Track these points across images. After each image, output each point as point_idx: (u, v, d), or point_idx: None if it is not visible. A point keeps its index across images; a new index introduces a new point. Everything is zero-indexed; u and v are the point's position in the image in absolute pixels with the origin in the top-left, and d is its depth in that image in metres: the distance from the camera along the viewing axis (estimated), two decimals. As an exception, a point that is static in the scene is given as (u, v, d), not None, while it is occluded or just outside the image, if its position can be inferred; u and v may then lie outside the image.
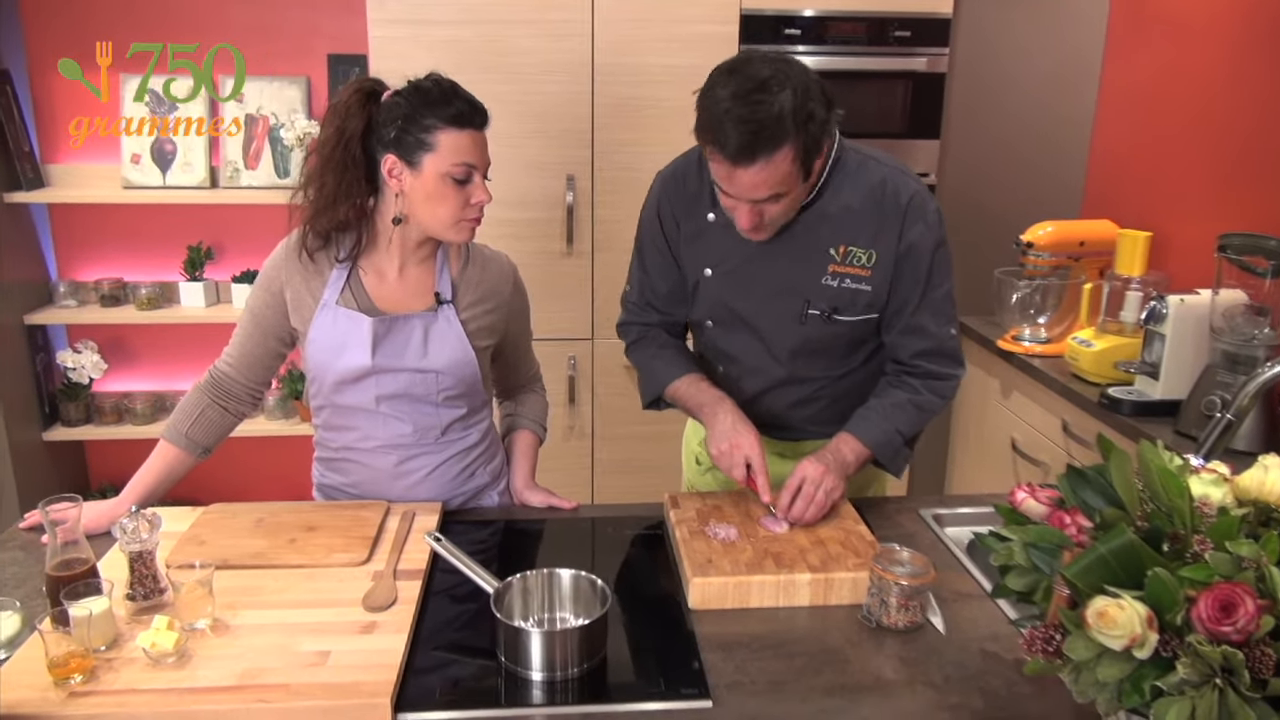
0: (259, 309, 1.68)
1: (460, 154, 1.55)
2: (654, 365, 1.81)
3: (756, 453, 1.61)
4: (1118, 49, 3.07)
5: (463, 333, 1.67)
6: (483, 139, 1.58)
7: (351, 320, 1.62)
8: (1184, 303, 2.23)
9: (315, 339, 1.64)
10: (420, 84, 1.57)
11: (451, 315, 1.66)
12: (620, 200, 2.82)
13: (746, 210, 1.52)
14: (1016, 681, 1.24)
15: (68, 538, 1.31)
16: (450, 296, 1.67)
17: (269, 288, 1.67)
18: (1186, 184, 2.72)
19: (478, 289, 1.70)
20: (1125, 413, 2.26)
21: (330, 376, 1.64)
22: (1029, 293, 2.73)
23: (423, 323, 1.65)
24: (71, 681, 1.16)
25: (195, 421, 1.69)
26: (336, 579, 1.43)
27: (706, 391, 1.72)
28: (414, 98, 1.54)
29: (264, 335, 1.69)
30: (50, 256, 3.19)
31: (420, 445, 1.70)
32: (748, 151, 1.41)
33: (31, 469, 3.05)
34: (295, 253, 1.64)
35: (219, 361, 1.73)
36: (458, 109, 1.54)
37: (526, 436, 1.89)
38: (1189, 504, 1.05)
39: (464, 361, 1.67)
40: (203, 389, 1.72)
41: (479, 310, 1.70)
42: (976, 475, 3.06)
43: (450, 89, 1.56)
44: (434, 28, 2.69)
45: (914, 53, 2.90)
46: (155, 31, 2.93)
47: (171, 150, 3.07)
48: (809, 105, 1.42)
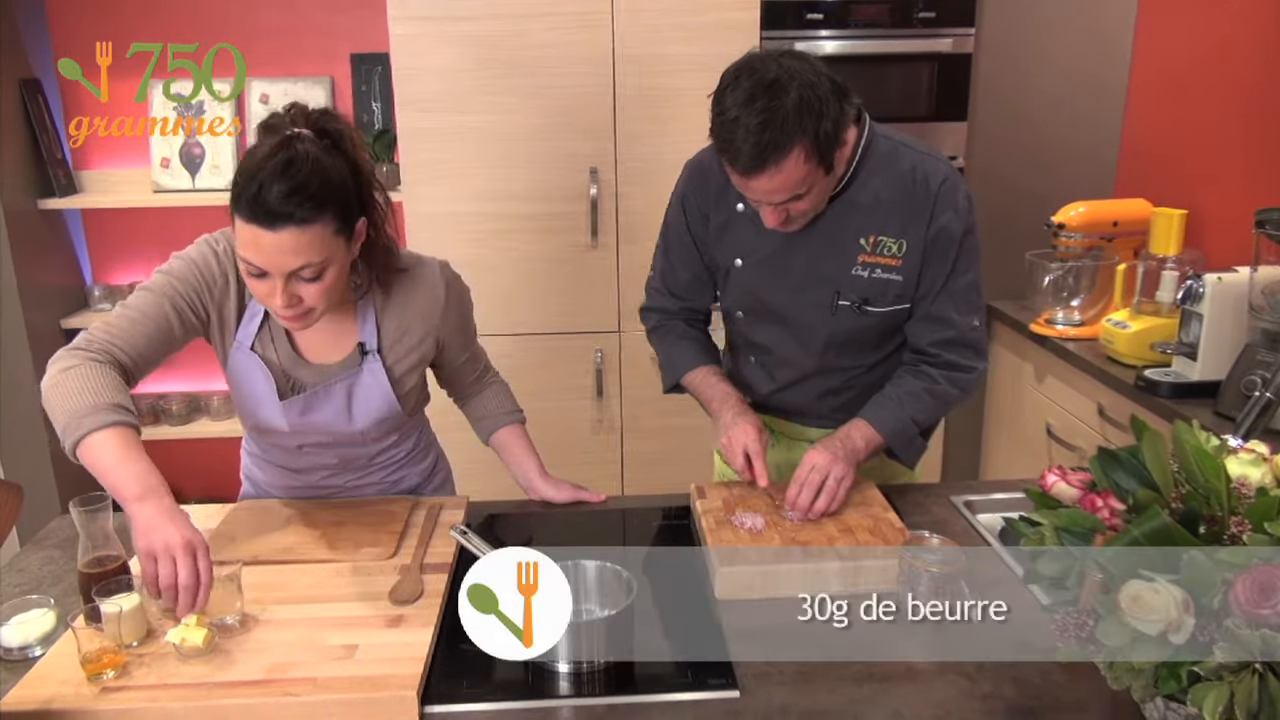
0: (176, 303, 1.45)
1: (241, 247, 1.35)
2: (671, 354, 1.83)
3: (753, 440, 1.60)
4: (1150, 22, 3.00)
5: (389, 387, 1.56)
6: (275, 238, 1.31)
7: (266, 380, 1.52)
8: (1222, 281, 2.17)
9: (230, 377, 1.55)
10: (268, 140, 1.35)
11: (377, 368, 1.55)
12: (644, 191, 2.81)
13: (771, 211, 1.52)
14: (1050, 670, 1.21)
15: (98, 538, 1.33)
16: (375, 343, 1.55)
17: (192, 291, 1.47)
18: (1222, 159, 2.66)
19: (403, 322, 1.57)
20: (1163, 395, 2.21)
21: (246, 417, 1.60)
22: (1061, 275, 2.68)
23: (344, 385, 1.54)
24: (104, 677, 1.17)
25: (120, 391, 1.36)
26: (364, 573, 1.43)
27: (715, 387, 1.73)
28: (243, 162, 1.35)
29: (167, 328, 1.46)
30: (85, 261, 3.25)
31: (346, 469, 1.68)
32: (757, 162, 1.41)
33: (70, 471, 3.08)
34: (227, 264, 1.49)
35: (101, 341, 1.40)
36: (248, 194, 1.30)
37: (515, 433, 1.78)
38: (1226, 485, 1.02)
39: (389, 415, 1.60)
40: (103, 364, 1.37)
41: (406, 347, 1.58)
42: (1011, 461, 3.01)
43: (263, 162, 1.30)
44: (454, 23, 2.69)
45: (939, 34, 2.86)
46: (182, 34, 2.95)
47: (200, 154, 3.10)
48: (818, 102, 1.40)
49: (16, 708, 1.13)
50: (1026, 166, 3.16)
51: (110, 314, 1.45)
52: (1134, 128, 3.09)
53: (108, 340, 1.40)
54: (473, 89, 2.71)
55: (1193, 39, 2.79)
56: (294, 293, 1.37)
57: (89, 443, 1.30)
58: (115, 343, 1.40)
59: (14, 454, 2.98)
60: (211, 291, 1.49)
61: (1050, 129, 3.16)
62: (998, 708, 1.15)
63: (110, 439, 1.29)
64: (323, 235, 1.35)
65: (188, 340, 1.50)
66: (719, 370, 1.78)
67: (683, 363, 1.80)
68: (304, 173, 1.32)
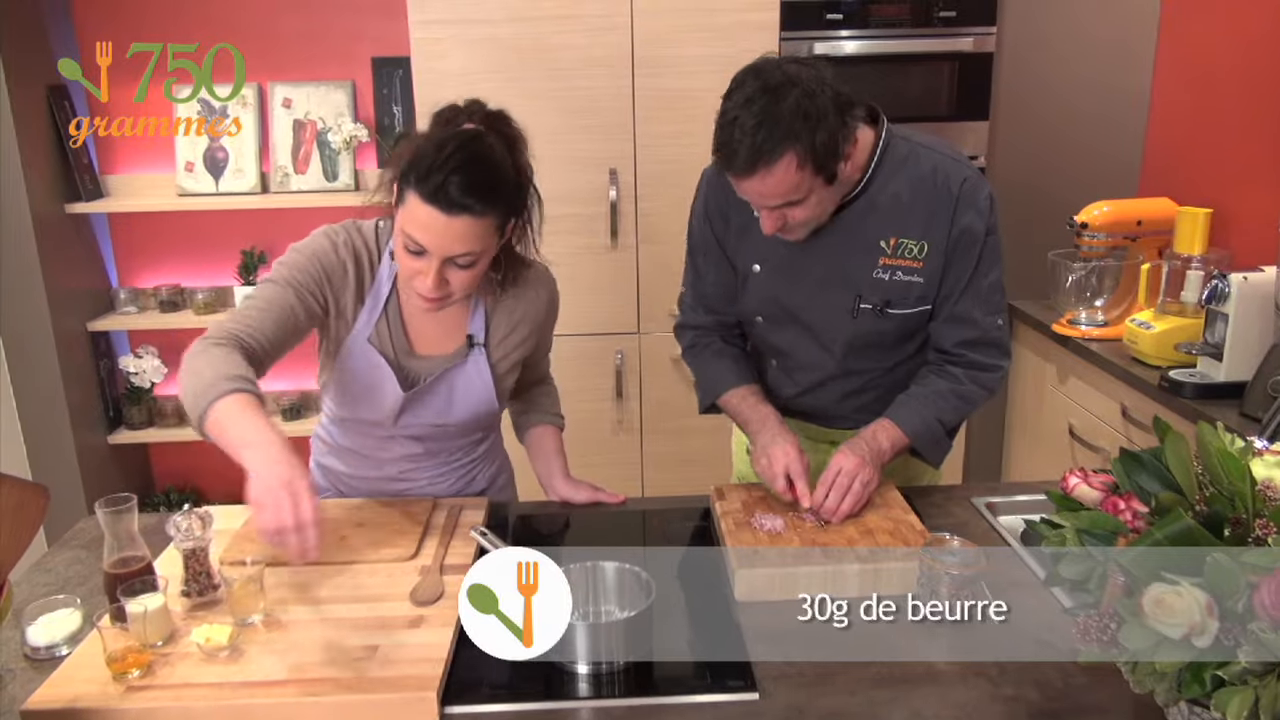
0: (301, 295, 1.49)
1: (411, 225, 1.39)
2: (706, 374, 1.80)
3: (794, 459, 1.58)
4: (1173, 18, 2.97)
5: (490, 380, 1.61)
6: (448, 223, 1.37)
7: (381, 373, 1.56)
8: (1248, 281, 2.15)
9: (341, 366, 1.57)
10: (451, 130, 1.42)
11: (481, 361, 1.60)
12: (663, 193, 2.81)
13: (767, 215, 1.51)
14: (1073, 673, 1.21)
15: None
16: (483, 335, 1.61)
17: (314, 284, 1.51)
18: (1248, 158, 2.63)
19: (512, 318, 1.63)
20: (1188, 395, 2.19)
21: (348, 408, 1.62)
22: (1085, 275, 2.66)
23: (449, 375, 1.59)
24: (129, 676, 1.19)
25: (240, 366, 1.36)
26: (384, 574, 1.44)
27: (754, 409, 1.71)
28: (430, 141, 1.40)
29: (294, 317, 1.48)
30: (111, 264, 3.29)
31: (428, 458, 1.69)
32: (747, 163, 1.40)
33: (97, 471, 3.15)
34: (346, 255, 1.53)
35: (229, 330, 1.42)
36: (433, 180, 1.36)
37: (550, 432, 1.82)
38: (1251, 487, 1.01)
39: (487, 411, 1.65)
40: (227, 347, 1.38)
41: (511, 344, 1.64)
42: (1033, 463, 2.99)
43: (450, 154, 1.37)
44: (474, 27, 2.70)
45: (960, 33, 2.84)
46: (201, 38, 2.97)
47: (224, 157, 3.13)
48: (815, 111, 1.39)
49: (43, 706, 1.15)
50: (1049, 166, 3.13)
51: (238, 307, 1.49)
52: (1158, 126, 3.06)
53: (233, 328, 1.43)
54: (492, 91, 2.65)
55: (1217, 35, 2.76)
56: (444, 276, 1.43)
57: (211, 415, 1.30)
58: (239, 330, 1.42)
59: (41, 456, 3.02)
60: (331, 281, 1.53)
61: (1073, 127, 3.13)
62: (1019, 710, 1.14)
63: (228, 404, 1.29)
64: (488, 228, 1.42)
65: (310, 328, 1.54)
66: (757, 390, 1.75)
67: (720, 383, 1.77)
68: (488, 169, 1.40)
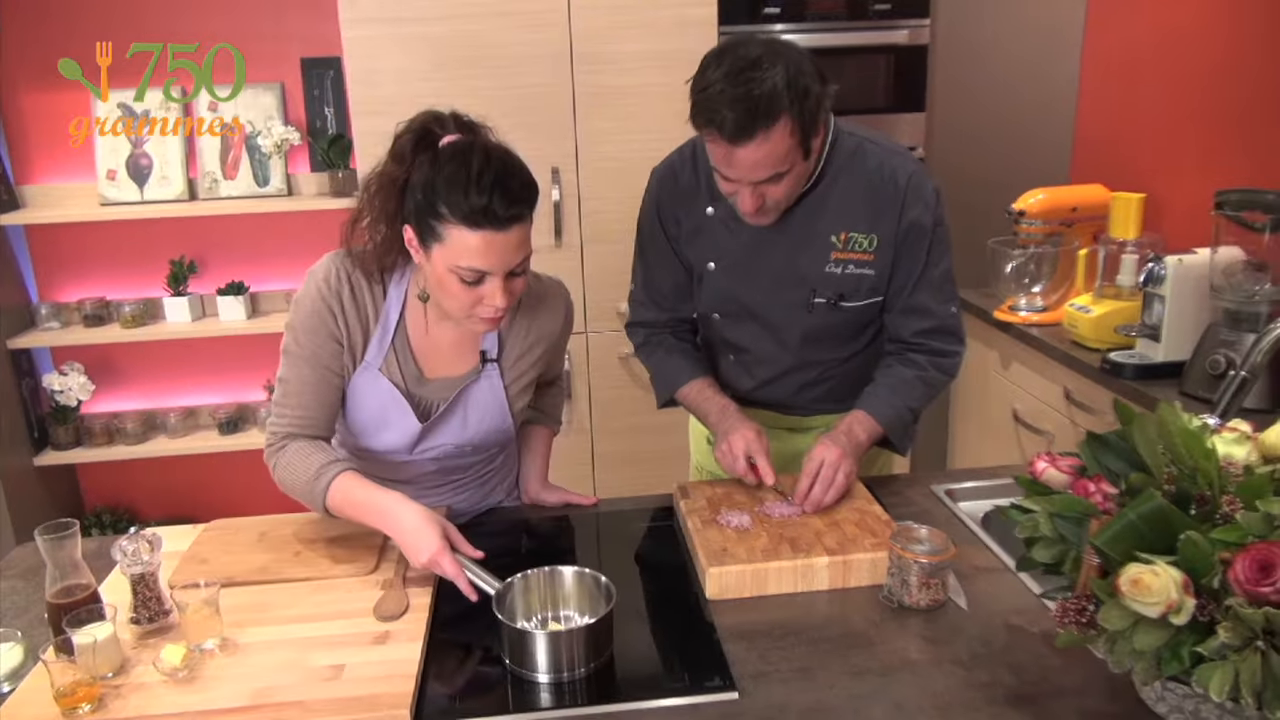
0: (320, 355, 1.48)
1: (467, 257, 1.34)
2: (663, 369, 1.81)
3: (753, 440, 1.59)
4: (1100, 8, 3.04)
5: (504, 399, 1.57)
6: (505, 238, 1.34)
7: (394, 402, 1.51)
8: (1182, 263, 2.21)
9: (353, 399, 1.52)
10: (458, 149, 1.35)
11: (495, 378, 1.56)
12: (607, 190, 2.79)
13: (748, 193, 1.50)
14: (1045, 654, 1.22)
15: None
16: (497, 353, 1.56)
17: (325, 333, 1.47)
18: (1177, 143, 2.71)
19: (527, 338, 1.59)
20: (1128, 377, 2.24)
21: (359, 438, 1.56)
22: (1023, 261, 2.71)
23: (463, 396, 1.55)
24: (80, 711, 1.13)
25: (318, 450, 1.47)
26: (345, 590, 1.40)
27: (711, 400, 1.73)
28: (444, 170, 1.33)
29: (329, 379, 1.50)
30: (30, 279, 3.14)
31: (441, 475, 1.65)
32: (746, 128, 1.39)
33: (24, 495, 3.00)
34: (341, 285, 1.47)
35: (283, 427, 1.48)
36: (474, 205, 1.30)
37: (542, 433, 1.81)
38: (1215, 464, 1.03)
39: (502, 429, 1.61)
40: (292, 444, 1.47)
41: (526, 363, 1.60)
42: (979, 448, 3.04)
43: (480, 172, 1.31)
44: (407, 25, 2.64)
45: (895, 25, 2.87)
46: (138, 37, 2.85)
47: (148, 164, 3.01)
48: (802, 79, 1.40)
49: (-12, 748, 1.09)
50: (985, 155, 3.19)
51: (274, 396, 1.52)
52: (1088, 114, 3.13)
53: (283, 427, 1.49)
54: (429, 91, 2.66)
55: (1142, 25, 2.84)
56: (509, 289, 1.40)
57: (332, 506, 1.44)
58: (290, 428, 1.49)
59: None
60: (336, 318, 1.48)
61: (1007, 117, 3.19)
62: (998, 695, 1.15)
63: (334, 493, 1.43)
64: (530, 225, 1.40)
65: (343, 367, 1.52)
66: (713, 382, 1.77)
67: (677, 377, 1.78)
68: (515, 170, 1.37)
